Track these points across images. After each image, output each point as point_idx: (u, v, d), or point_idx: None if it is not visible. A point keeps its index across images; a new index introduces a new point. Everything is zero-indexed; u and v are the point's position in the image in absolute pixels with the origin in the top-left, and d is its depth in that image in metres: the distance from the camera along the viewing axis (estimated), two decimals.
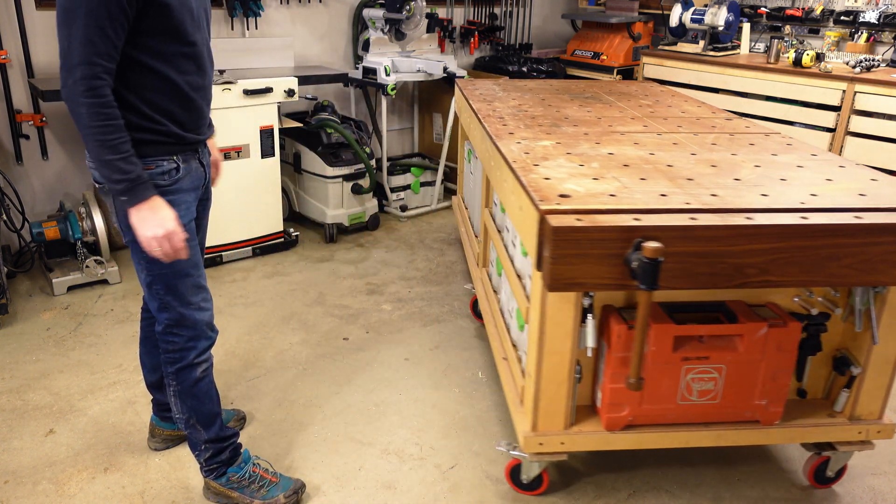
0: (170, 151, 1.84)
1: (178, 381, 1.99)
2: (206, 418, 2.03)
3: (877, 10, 4.24)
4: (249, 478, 2.10)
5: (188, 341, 1.95)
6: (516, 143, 2.30)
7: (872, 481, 2.29)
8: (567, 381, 1.95)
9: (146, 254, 1.80)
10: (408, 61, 4.41)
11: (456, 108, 3.72)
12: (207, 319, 1.99)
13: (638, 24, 5.15)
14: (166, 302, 1.91)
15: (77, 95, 1.62)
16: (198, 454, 2.08)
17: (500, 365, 2.37)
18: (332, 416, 2.55)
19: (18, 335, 3.05)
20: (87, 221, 3.50)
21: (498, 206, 2.65)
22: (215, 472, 2.09)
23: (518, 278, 2.23)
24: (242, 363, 2.86)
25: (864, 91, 3.75)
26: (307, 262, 3.87)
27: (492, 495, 2.18)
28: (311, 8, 4.51)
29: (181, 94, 1.81)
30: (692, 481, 2.26)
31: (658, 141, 2.42)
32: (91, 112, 1.62)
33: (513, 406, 2.15)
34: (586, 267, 1.62)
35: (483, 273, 2.96)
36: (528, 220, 1.79)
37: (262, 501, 2.09)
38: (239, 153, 3.63)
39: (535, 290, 1.90)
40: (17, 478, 2.21)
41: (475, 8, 5.30)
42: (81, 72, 1.59)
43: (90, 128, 1.64)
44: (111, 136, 1.65)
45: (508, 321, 2.44)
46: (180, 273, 1.89)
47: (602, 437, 2.02)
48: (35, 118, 3.71)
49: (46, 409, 2.54)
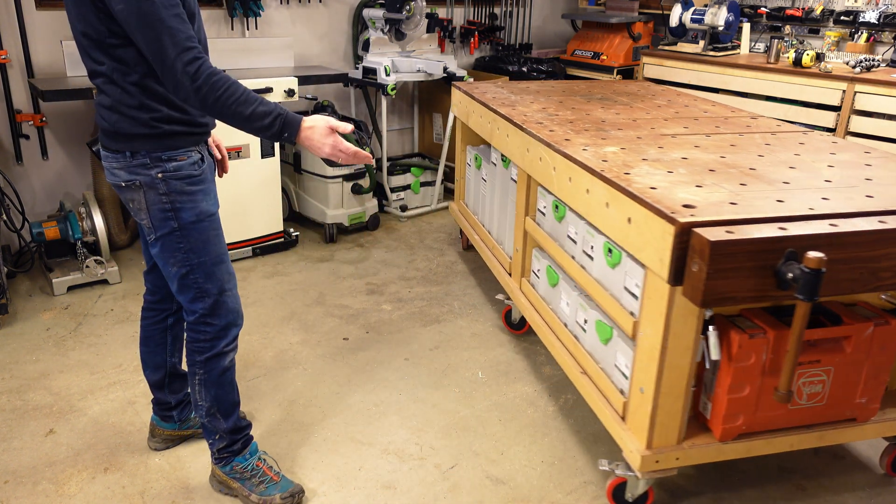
0: (196, 142, 1.90)
1: (206, 371, 2.01)
2: (228, 408, 2.07)
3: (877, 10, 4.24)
4: (252, 471, 2.12)
5: (220, 330, 1.99)
6: (583, 149, 2.26)
7: None
8: (684, 395, 1.90)
9: (184, 243, 1.88)
10: (408, 61, 4.41)
11: (456, 112, 3.70)
12: (238, 307, 2.04)
13: (638, 24, 5.15)
14: (205, 290, 1.94)
15: (189, 85, 1.64)
16: (212, 443, 2.11)
17: (580, 380, 2.29)
18: (332, 416, 2.54)
19: (18, 335, 3.05)
20: (87, 221, 3.50)
21: (548, 215, 2.58)
22: (224, 461, 2.12)
23: (604, 290, 2.16)
24: (242, 363, 2.86)
25: (864, 91, 3.75)
26: (307, 262, 3.87)
27: (492, 495, 2.18)
28: (311, 8, 4.51)
29: None
30: (692, 481, 2.26)
31: (713, 143, 2.42)
32: (208, 91, 1.65)
33: (610, 423, 2.09)
34: (739, 280, 1.59)
35: (524, 284, 2.87)
36: (650, 233, 1.74)
37: (259, 497, 2.09)
38: (239, 153, 3.63)
39: (653, 305, 1.84)
40: (17, 478, 2.21)
41: (475, 8, 5.30)
42: (182, 61, 1.62)
43: (218, 102, 1.67)
44: (238, 95, 1.68)
45: (578, 334, 2.39)
46: (217, 259, 1.95)
47: (715, 448, 1.98)
48: (35, 118, 3.72)
49: (46, 409, 2.54)
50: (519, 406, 2.63)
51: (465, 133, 3.73)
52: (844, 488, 2.24)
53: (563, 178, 2.28)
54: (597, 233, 2.21)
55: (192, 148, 1.88)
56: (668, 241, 1.67)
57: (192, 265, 1.92)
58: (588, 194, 2.10)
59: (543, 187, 2.62)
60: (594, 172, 2.05)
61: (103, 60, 1.75)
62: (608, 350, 2.18)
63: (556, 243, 2.51)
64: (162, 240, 1.89)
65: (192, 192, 1.88)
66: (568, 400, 2.67)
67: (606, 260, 2.15)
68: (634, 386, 1.98)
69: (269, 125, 1.72)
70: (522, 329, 3.10)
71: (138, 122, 1.79)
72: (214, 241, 1.95)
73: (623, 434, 2.02)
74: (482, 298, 3.47)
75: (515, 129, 2.71)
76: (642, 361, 1.93)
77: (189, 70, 1.62)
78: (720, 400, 1.94)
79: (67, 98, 3.38)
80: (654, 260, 1.75)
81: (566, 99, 3.21)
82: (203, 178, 1.91)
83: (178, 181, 1.85)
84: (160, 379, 2.26)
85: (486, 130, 3.12)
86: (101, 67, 1.76)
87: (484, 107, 3.12)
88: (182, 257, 1.90)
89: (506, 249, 3.14)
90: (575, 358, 2.38)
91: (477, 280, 3.68)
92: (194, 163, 1.88)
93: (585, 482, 2.25)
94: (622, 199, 1.89)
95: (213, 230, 1.94)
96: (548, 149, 2.39)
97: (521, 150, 2.66)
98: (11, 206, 3.40)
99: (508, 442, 2.42)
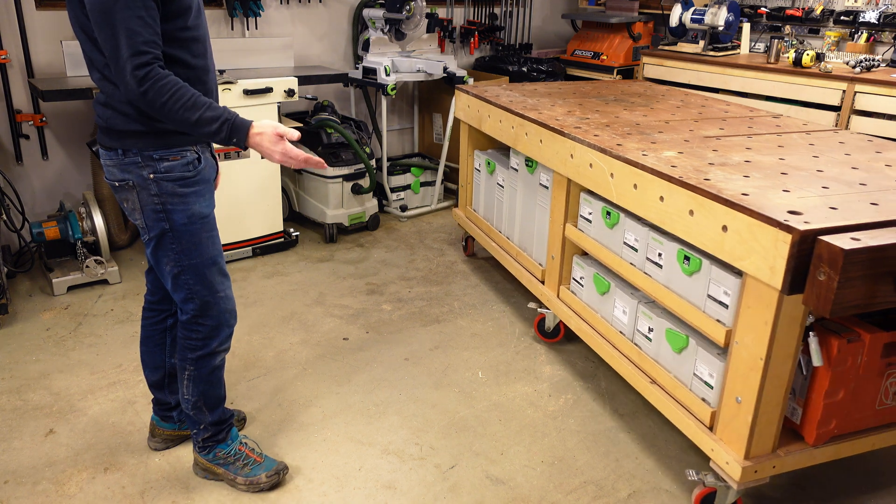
0: (193, 141, 1.90)
1: (196, 368, 2.06)
2: (214, 402, 2.13)
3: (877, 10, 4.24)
4: (235, 455, 2.17)
5: (212, 330, 2.02)
6: (642, 153, 2.24)
7: None
8: (782, 403, 1.89)
9: (176, 245, 1.90)
10: (408, 61, 4.41)
11: (462, 116, 3.63)
12: (231, 307, 2.06)
13: (638, 24, 5.15)
14: (195, 291, 1.97)
15: (135, 88, 1.66)
16: (196, 433, 2.16)
17: (649, 390, 2.27)
18: (332, 416, 2.54)
19: (18, 335, 3.05)
20: (87, 221, 3.50)
21: (596, 222, 2.56)
22: (207, 450, 2.17)
23: (679, 298, 2.14)
24: (242, 363, 2.86)
25: (865, 91, 3.75)
26: (307, 262, 3.87)
27: (492, 495, 2.18)
28: (311, 8, 4.51)
29: (197, 79, 1.85)
30: (692, 481, 2.26)
31: (760, 144, 2.43)
32: (154, 96, 1.67)
33: (693, 433, 2.07)
34: (864, 287, 1.59)
35: (563, 292, 2.82)
36: (755, 241, 1.73)
37: (245, 479, 2.15)
38: (239, 153, 3.63)
39: (755, 314, 1.82)
40: (17, 478, 2.21)
41: (475, 8, 5.30)
42: (132, 64, 1.64)
43: (164, 107, 1.69)
44: (184, 101, 1.69)
45: (640, 342, 2.37)
46: (209, 262, 1.97)
47: (807, 453, 1.97)
48: (35, 118, 3.72)
49: (46, 409, 2.54)
50: (519, 406, 2.63)
51: (473, 137, 3.66)
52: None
53: (625, 185, 2.24)
54: (667, 240, 2.18)
55: (186, 147, 1.88)
56: (782, 250, 1.65)
57: (183, 266, 1.93)
58: (662, 202, 2.06)
59: (591, 193, 2.58)
60: (672, 179, 2.01)
61: (97, 56, 1.76)
62: (682, 359, 2.16)
63: (609, 250, 2.48)
64: (154, 240, 1.91)
65: (185, 193, 1.88)
66: (568, 400, 2.67)
67: (682, 268, 2.12)
68: (728, 395, 1.95)
69: (217, 130, 1.73)
70: (556, 337, 3.03)
71: (130, 119, 1.80)
72: (207, 244, 1.95)
73: (713, 444, 1.99)
74: (482, 298, 3.47)
75: (553, 134, 2.66)
76: (739, 371, 1.90)
77: (137, 74, 1.64)
78: (815, 405, 1.93)
79: (67, 98, 3.38)
80: (760, 269, 1.72)
81: (583, 101, 3.20)
82: (197, 180, 1.91)
83: (170, 183, 1.85)
84: (159, 379, 2.27)
85: (509, 135, 3.05)
86: (97, 63, 1.78)
87: (504, 111, 3.07)
88: (174, 258, 1.92)
89: (534, 256, 3.08)
90: (640, 367, 2.35)
91: (477, 280, 3.68)
92: (188, 163, 1.88)
93: (585, 482, 2.25)
94: (714, 206, 1.85)
95: (205, 232, 1.95)
96: (602, 154, 2.35)
97: (562, 156, 2.61)
98: (11, 206, 3.40)
99: (508, 442, 2.42)
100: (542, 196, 2.95)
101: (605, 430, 2.50)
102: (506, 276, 3.73)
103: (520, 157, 3.11)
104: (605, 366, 2.89)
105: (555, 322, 2.98)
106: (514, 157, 3.17)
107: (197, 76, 1.86)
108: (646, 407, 2.63)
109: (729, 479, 1.96)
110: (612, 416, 2.58)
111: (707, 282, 2.03)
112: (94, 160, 3.72)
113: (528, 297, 3.49)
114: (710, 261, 2.02)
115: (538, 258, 3.06)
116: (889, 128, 3.68)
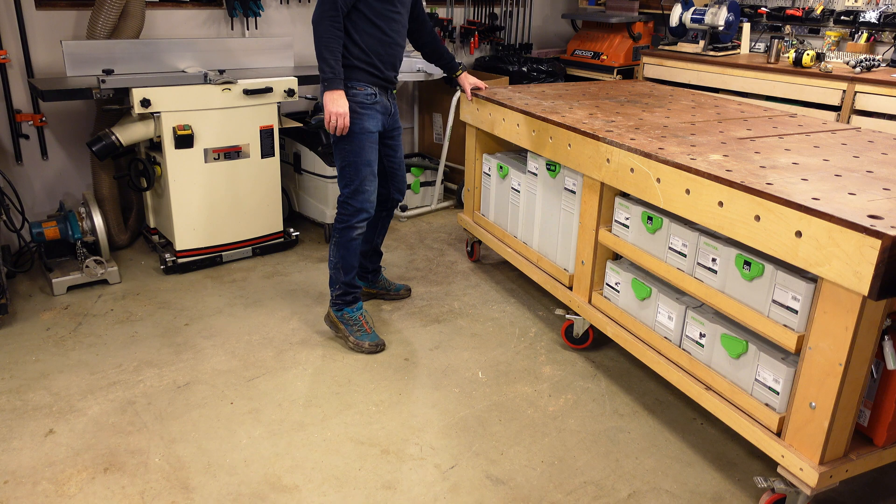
0: (372, 82, 2.81)
1: (340, 236, 2.89)
2: (349, 266, 2.93)
3: (877, 9, 4.23)
4: (355, 320, 2.95)
5: (354, 212, 2.85)
6: (690, 157, 2.22)
7: None
8: (856, 407, 1.89)
9: (346, 146, 2.80)
10: (408, 61, 4.41)
11: (470, 120, 3.56)
12: (372, 200, 2.88)
13: (638, 23, 5.15)
14: (351, 178, 2.83)
15: (322, 18, 2.63)
16: (333, 290, 2.97)
17: (705, 396, 2.25)
18: (332, 416, 2.54)
19: (18, 335, 3.05)
20: (86, 221, 3.50)
21: (634, 227, 2.53)
22: (338, 306, 2.96)
23: (739, 304, 2.12)
24: (242, 363, 2.86)
25: (865, 91, 3.75)
26: (307, 262, 3.87)
27: (492, 495, 2.18)
28: (310, 8, 4.50)
29: (384, 42, 2.79)
30: (692, 481, 2.26)
31: (797, 144, 2.43)
32: (324, 27, 2.62)
33: (759, 439, 2.06)
34: None
35: (596, 297, 2.79)
36: (836, 247, 1.71)
37: (355, 339, 2.93)
38: (239, 153, 3.63)
39: (833, 319, 1.81)
40: (16, 478, 2.21)
41: (475, 8, 5.30)
42: (331, 4, 2.62)
43: (321, 37, 2.63)
44: (333, 43, 2.64)
45: (690, 348, 2.35)
46: (364, 162, 2.82)
47: (876, 455, 1.97)
48: (35, 118, 3.72)
49: (46, 409, 2.54)
50: (519, 406, 2.62)
51: (481, 141, 3.60)
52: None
53: (674, 190, 2.21)
54: (721, 245, 2.17)
55: (368, 84, 2.80)
56: (868, 255, 1.63)
57: (347, 161, 2.83)
58: (722, 207, 2.03)
59: (626, 197, 2.58)
60: (734, 184, 1.98)
61: None
62: (740, 364, 2.15)
63: (652, 255, 2.46)
64: (334, 146, 2.87)
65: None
66: (568, 400, 2.67)
67: (741, 273, 2.10)
68: (800, 401, 1.94)
69: (325, 70, 2.67)
70: (585, 343, 2.98)
71: None
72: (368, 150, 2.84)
73: (783, 450, 1.98)
74: (482, 298, 3.47)
75: (584, 138, 2.63)
76: (813, 376, 1.89)
77: (327, 15, 2.64)
78: (887, 407, 1.93)
79: (67, 98, 3.38)
80: (843, 274, 1.71)
81: (598, 103, 3.19)
82: (371, 106, 2.82)
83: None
84: (366, 250, 3.22)
85: (530, 139, 3.01)
86: None
87: (524, 115, 3.04)
88: (340, 154, 2.84)
89: (559, 262, 3.03)
90: (691, 373, 2.33)
91: (477, 280, 3.68)
92: (368, 94, 2.81)
93: (585, 482, 2.24)
94: (785, 212, 1.83)
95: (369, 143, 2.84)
96: (646, 159, 2.32)
97: (596, 160, 2.57)
98: (11, 206, 3.40)
99: (508, 442, 2.42)
100: (567, 200, 2.92)
101: (605, 430, 2.50)
102: (507, 276, 3.73)
103: (539, 160, 3.07)
104: (605, 366, 2.89)
105: (584, 328, 2.93)
106: (533, 161, 3.13)
107: (381, 39, 2.80)
108: (646, 407, 2.63)
109: (803, 485, 1.94)
110: (612, 416, 2.58)
111: (771, 287, 2.01)
112: (94, 160, 3.72)
113: (531, 297, 3.49)
114: (773, 266, 2.00)
115: (563, 263, 3.01)
116: (890, 128, 3.68)
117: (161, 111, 3.36)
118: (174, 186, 3.48)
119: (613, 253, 2.75)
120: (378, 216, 3.18)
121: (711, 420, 2.55)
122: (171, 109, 3.38)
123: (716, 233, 2.24)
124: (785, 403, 2.03)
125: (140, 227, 4.07)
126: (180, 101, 3.39)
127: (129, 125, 3.42)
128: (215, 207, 3.62)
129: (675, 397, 2.68)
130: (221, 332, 3.10)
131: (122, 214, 3.94)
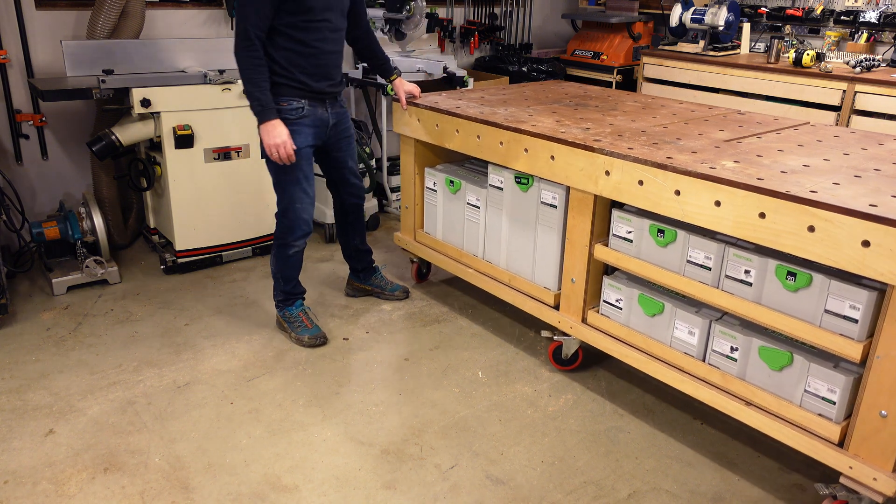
0: (300, 95, 2.75)
1: (276, 250, 2.95)
2: (287, 277, 3.01)
3: (877, 10, 4.24)
4: (295, 318, 3.03)
5: (287, 229, 2.88)
6: (710, 167, 2.13)
7: None
8: None
9: (275, 164, 2.74)
10: (408, 61, 4.41)
11: (410, 132, 3.27)
12: (305, 217, 2.87)
13: (638, 24, 5.16)
14: (280, 197, 2.85)
15: (238, 51, 2.61)
16: (275, 293, 3.08)
17: (747, 413, 2.17)
18: (332, 416, 2.54)
19: (18, 335, 3.05)
20: (86, 221, 3.50)
21: (640, 241, 2.42)
22: (279, 308, 3.08)
23: (785, 316, 2.07)
24: (242, 363, 2.86)
25: (865, 91, 3.75)
26: (307, 262, 3.87)
27: (492, 495, 2.18)
28: None
29: (306, 54, 2.70)
30: (692, 481, 2.26)
31: (778, 144, 2.40)
32: (242, 60, 2.61)
33: (819, 450, 2.02)
34: None
35: (592, 316, 2.65)
36: (884, 253, 1.72)
37: (296, 334, 3.00)
38: (239, 153, 3.63)
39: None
40: (16, 478, 2.21)
41: (475, 8, 5.30)
42: (244, 35, 2.58)
43: (242, 70, 2.63)
44: (255, 75, 2.62)
45: (719, 363, 2.27)
46: (292, 180, 2.80)
47: None
48: (35, 118, 3.72)
49: (46, 409, 2.54)
50: (519, 406, 2.62)
51: (420, 154, 3.33)
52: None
53: (699, 202, 2.12)
54: (756, 256, 2.11)
55: (293, 98, 2.74)
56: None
57: (276, 179, 2.84)
58: (764, 219, 1.96)
59: (626, 210, 2.48)
60: (779, 194, 1.91)
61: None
62: (783, 376, 2.11)
63: (665, 269, 2.36)
64: (266, 162, 2.83)
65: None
66: (568, 400, 2.67)
67: (784, 284, 2.05)
68: (867, 410, 1.90)
69: (254, 104, 2.65)
70: (573, 365, 2.83)
71: None
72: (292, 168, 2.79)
73: (850, 461, 1.94)
74: (482, 298, 3.47)
75: (572, 149, 2.46)
76: (884, 385, 1.86)
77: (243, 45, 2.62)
78: None
79: (67, 98, 3.38)
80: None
81: (555, 108, 3.01)
82: (297, 121, 2.75)
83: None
84: (349, 253, 3.34)
85: (496, 152, 2.78)
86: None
87: (486, 125, 2.80)
88: (272, 171, 2.82)
89: (537, 281, 2.85)
90: (726, 390, 2.24)
91: None
92: (293, 109, 2.74)
93: (585, 482, 2.24)
94: (848, 222, 1.78)
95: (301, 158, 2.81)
96: (659, 170, 2.20)
97: (590, 173, 2.42)
98: (11, 206, 3.40)
99: (508, 442, 2.42)
100: (546, 216, 2.72)
101: (605, 430, 2.50)
102: None
103: (504, 173, 2.86)
104: (605, 366, 2.89)
105: (574, 348, 2.79)
106: (496, 175, 2.90)
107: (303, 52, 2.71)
108: (646, 407, 2.63)
109: (876, 494, 1.91)
110: (612, 416, 2.58)
111: (822, 297, 1.97)
112: (94, 160, 3.72)
113: None
114: (824, 275, 1.96)
115: (543, 282, 2.82)
116: (889, 127, 3.68)
117: (161, 111, 3.36)
118: (174, 186, 3.48)
119: (605, 268, 2.65)
120: (345, 221, 3.24)
121: (711, 420, 2.55)
122: (171, 109, 3.38)
123: (740, 242, 2.17)
124: (843, 413, 1.99)
125: (140, 227, 4.07)
126: (180, 101, 3.39)
127: (129, 125, 3.42)
128: (215, 207, 3.62)
129: (674, 398, 2.68)
130: (221, 332, 3.10)
131: (122, 214, 3.94)
